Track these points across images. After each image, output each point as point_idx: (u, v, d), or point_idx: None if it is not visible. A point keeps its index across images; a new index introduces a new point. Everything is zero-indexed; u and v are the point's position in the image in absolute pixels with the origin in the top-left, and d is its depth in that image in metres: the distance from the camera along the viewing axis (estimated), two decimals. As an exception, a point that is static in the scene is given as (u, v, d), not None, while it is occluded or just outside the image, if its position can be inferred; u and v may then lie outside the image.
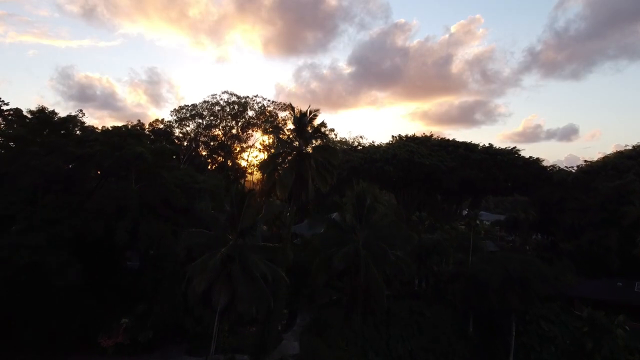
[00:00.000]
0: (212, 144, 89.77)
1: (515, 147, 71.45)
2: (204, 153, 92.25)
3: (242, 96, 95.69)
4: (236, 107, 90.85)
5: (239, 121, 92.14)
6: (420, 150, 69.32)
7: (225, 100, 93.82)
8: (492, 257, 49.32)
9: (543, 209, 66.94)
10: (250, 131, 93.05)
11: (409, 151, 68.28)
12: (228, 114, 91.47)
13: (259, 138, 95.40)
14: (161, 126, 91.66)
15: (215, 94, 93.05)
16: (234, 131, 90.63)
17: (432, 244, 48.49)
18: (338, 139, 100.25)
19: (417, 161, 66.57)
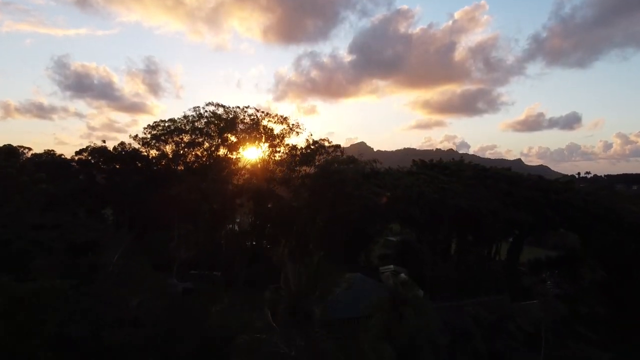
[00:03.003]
0: (195, 166, 74.61)
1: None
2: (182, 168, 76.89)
3: (230, 107, 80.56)
4: (223, 123, 75.48)
5: (227, 137, 76.96)
6: (453, 187, 54.54)
7: (211, 111, 78.62)
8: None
9: (608, 260, 52.66)
10: (240, 149, 77.97)
11: (440, 188, 53.46)
12: (214, 131, 76.25)
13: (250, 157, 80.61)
14: (135, 146, 76.72)
15: (198, 106, 77.81)
16: (220, 152, 75.52)
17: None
18: (345, 156, 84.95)
19: (450, 203, 51.80)
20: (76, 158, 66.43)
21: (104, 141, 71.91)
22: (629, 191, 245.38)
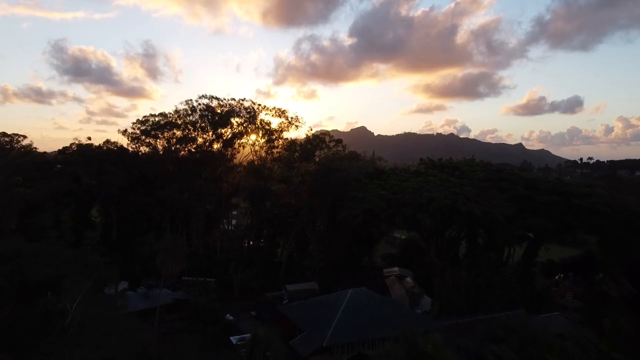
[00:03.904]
0: (187, 163, 69.66)
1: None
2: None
3: (225, 99, 75.56)
4: (217, 117, 70.64)
5: (222, 132, 72.17)
6: (465, 191, 50.09)
7: (205, 104, 73.55)
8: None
9: (634, 271, 48.56)
10: (236, 144, 73.15)
11: (453, 193, 49.05)
12: (207, 125, 71.37)
13: (246, 153, 75.82)
14: (124, 142, 71.91)
15: (191, 100, 72.84)
16: (214, 148, 70.78)
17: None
18: (347, 151, 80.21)
19: (463, 209, 47.43)
20: (59, 157, 61.83)
21: (89, 138, 67.41)
22: (632, 177, 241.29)
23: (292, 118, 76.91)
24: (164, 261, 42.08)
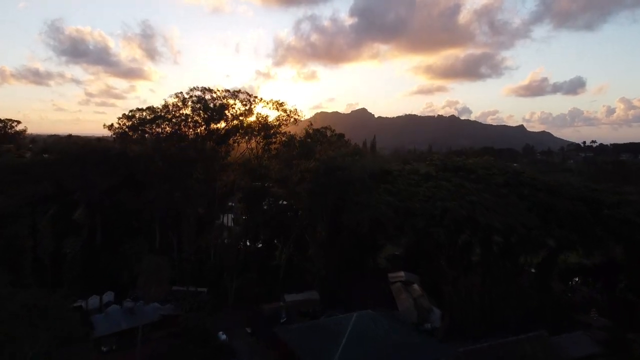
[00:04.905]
0: (177, 160, 64.35)
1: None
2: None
3: (219, 90, 69.89)
4: (210, 112, 65.13)
5: (216, 127, 66.84)
6: (482, 199, 45.08)
7: (197, 97, 67.88)
8: None
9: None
10: (230, 141, 67.73)
11: (469, 202, 44.06)
12: (200, 120, 65.91)
13: (242, 150, 70.46)
14: (111, 136, 66.60)
15: (181, 92, 67.20)
16: (207, 145, 65.40)
17: None
18: (350, 142, 74.94)
19: (482, 221, 42.54)
20: (37, 159, 56.72)
21: (70, 135, 62.07)
22: (636, 161, 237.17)
23: (290, 111, 71.39)
24: (146, 284, 37.59)
